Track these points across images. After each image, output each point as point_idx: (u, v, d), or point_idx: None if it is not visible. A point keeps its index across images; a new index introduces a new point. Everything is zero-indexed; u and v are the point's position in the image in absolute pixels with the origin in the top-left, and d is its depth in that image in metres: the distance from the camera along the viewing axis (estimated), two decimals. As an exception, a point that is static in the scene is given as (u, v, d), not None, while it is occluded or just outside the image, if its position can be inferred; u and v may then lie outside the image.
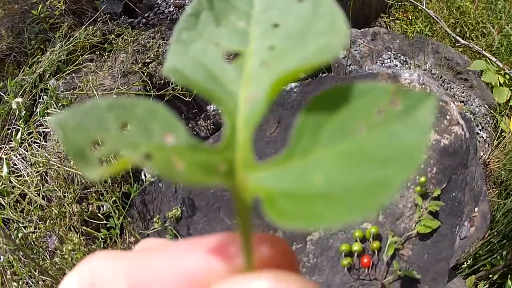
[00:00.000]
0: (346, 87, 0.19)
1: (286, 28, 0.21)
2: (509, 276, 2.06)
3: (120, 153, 0.18)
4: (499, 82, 2.88)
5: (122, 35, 2.25)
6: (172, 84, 2.05)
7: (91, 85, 2.00)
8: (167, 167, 0.17)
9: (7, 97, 1.95)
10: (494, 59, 2.76)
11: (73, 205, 1.71)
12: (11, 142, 1.89)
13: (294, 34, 0.21)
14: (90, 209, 1.73)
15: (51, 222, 1.67)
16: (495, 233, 2.15)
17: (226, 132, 0.20)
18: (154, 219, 1.72)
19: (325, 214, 0.16)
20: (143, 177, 1.72)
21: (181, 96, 2.04)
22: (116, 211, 1.69)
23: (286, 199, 0.17)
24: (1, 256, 1.60)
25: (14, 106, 1.88)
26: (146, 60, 2.13)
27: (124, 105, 0.20)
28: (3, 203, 1.73)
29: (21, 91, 2.00)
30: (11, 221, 1.71)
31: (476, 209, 2.07)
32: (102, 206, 1.75)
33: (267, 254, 0.21)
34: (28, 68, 2.10)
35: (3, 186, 1.74)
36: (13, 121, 1.96)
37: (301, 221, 0.16)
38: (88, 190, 1.78)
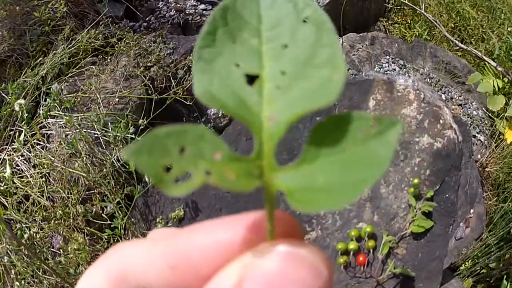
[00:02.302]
0: (342, 115, 0.26)
1: (293, 51, 0.27)
2: (505, 277, 2.07)
3: (187, 172, 0.24)
4: (498, 86, 2.89)
5: (124, 39, 2.26)
6: (173, 88, 2.08)
7: (93, 88, 2.01)
8: (223, 179, 0.24)
9: (9, 98, 1.95)
10: (493, 63, 2.77)
11: (77, 206, 1.73)
12: (13, 144, 1.90)
13: (301, 59, 0.26)
14: (94, 210, 1.75)
15: (55, 222, 1.69)
16: (493, 235, 2.16)
17: (255, 145, 0.26)
18: (157, 219, 1.74)
19: (327, 202, 0.23)
20: (146, 179, 1.75)
21: (182, 100, 2.07)
22: (120, 212, 1.71)
23: (301, 193, 0.24)
24: (5, 257, 1.60)
25: (17, 108, 1.88)
26: (148, 64, 2.14)
27: (178, 132, 0.24)
28: (6, 204, 1.74)
29: (23, 93, 2.00)
30: (12, 221, 1.72)
31: (471, 210, 2.10)
32: (106, 207, 1.76)
33: (285, 226, 0.27)
34: (30, 70, 2.10)
35: (6, 187, 1.75)
36: (15, 122, 1.96)
37: (312, 207, 0.24)
38: (92, 192, 1.80)
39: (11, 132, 1.95)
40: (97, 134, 1.87)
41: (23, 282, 1.58)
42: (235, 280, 0.25)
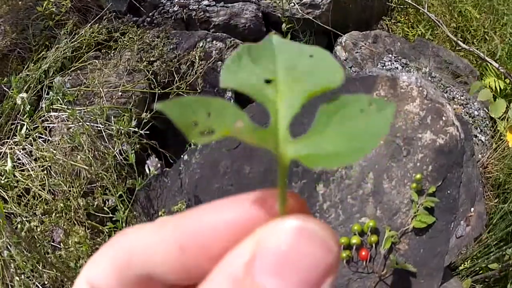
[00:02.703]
0: (344, 97, 0.30)
1: (301, 69, 0.32)
2: (510, 281, 2.07)
3: (211, 130, 0.27)
4: (500, 87, 2.89)
5: (127, 33, 2.27)
6: (176, 82, 2.08)
7: (97, 82, 2.02)
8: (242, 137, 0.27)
9: (11, 92, 1.95)
10: (496, 64, 2.76)
11: (78, 199, 1.72)
12: (15, 137, 1.89)
13: (307, 72, 0.31)
14: (95, 203, 1.74)
15: (56, 216, 1.68)
16: (493, 235, 2.17)
17: (271, 121, 0.30)
18: (159, 213, 1.74)
19: (335, 162, 0.27)
20: (147, 171, 1.74)
21: (184, 95, 2.07)
22: (122, 206, 1.70)
23: (312, 157, 0.27)
24: (5, 251, 1.59)
25: (19, 101, 1.87)
26: (151, 59, 2.15)
27: (205, 100, 0.28)
28: (6, 197, 1.73)
29: (25, 87, 2.00)
30: (13, 215, 1.71)
31: (472, 209, 2.10)
32: (108, 200, 1.76)
33: (293, 204, 0.28)
34: (33, 64, 2.10)
35: (7, 180, 1.75)
36: (17, 116, 1.96)
37: (322, 165, 0.27)
38: (94, 185, 1.80)
39: (13, 126, 1.95)
40: (100, 127, 1.87)
41: (22, 276, 1.57)
42: (247, 257, 0.25)
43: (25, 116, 1.91)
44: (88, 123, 1.85)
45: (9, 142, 1.90)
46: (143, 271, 0.28)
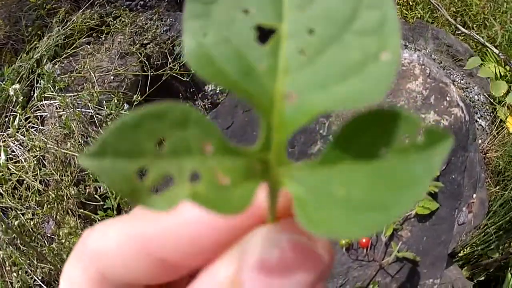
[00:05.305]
0: (386, 111, 0.19)
1: (325, 3, 0.19)
2: (510, 269, 2.05)
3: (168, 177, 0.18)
4: (500, 73, 2.86)
5: (120, 17, 2.25)
6: (169, 64, 2.06)
7: (88, 67, 2.00)
8: (216, 190, 0.18)
9: (4, 84, 1.94)
10: (496, 50, 2.74)
11: (70, 188, 1.70)
12: (8, 129, 1.89)
13: (335, 15, 0.19)
14: (87, 191, 1.73)
15: (49, 206, 1.66)
16: (492, 223, 2.14)
17: (262, 132, 0.20)
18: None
19: (343, 228, 0.18)
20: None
21: (178, 76, 2.06)
22: (113, 192, 1.68)
23: (313, 206, 0.18)
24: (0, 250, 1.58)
25: (11, 92, 1.87)
26: (144, 41, 2.14)
27: (153, 116, 0.18)
28: (1, 191, 1.73)
29: (18, 78, 2.00)
30: (10, 209, 1.70)
31: (474, 195, 2.07)
32: (99, 188, 1.74)
33: (284, 203, 0.23)
34: (25, 55, 2.10)
35: (1, 174, 1.74)
36: (10, 107, 1.95)
37: (324, 231, 0.18)
38: (85, 172, 1.78)
39: (6, 118, 1.95)
40: (91, 112, 1.85)
41: (20, 272, 1.56)
42: (231, 271, 0.22)
43: (18, 107, 1.91)
44: (79, 109, 1.83)
45: (3, 134, 1.90)
46: (119, 281, 0.25)
